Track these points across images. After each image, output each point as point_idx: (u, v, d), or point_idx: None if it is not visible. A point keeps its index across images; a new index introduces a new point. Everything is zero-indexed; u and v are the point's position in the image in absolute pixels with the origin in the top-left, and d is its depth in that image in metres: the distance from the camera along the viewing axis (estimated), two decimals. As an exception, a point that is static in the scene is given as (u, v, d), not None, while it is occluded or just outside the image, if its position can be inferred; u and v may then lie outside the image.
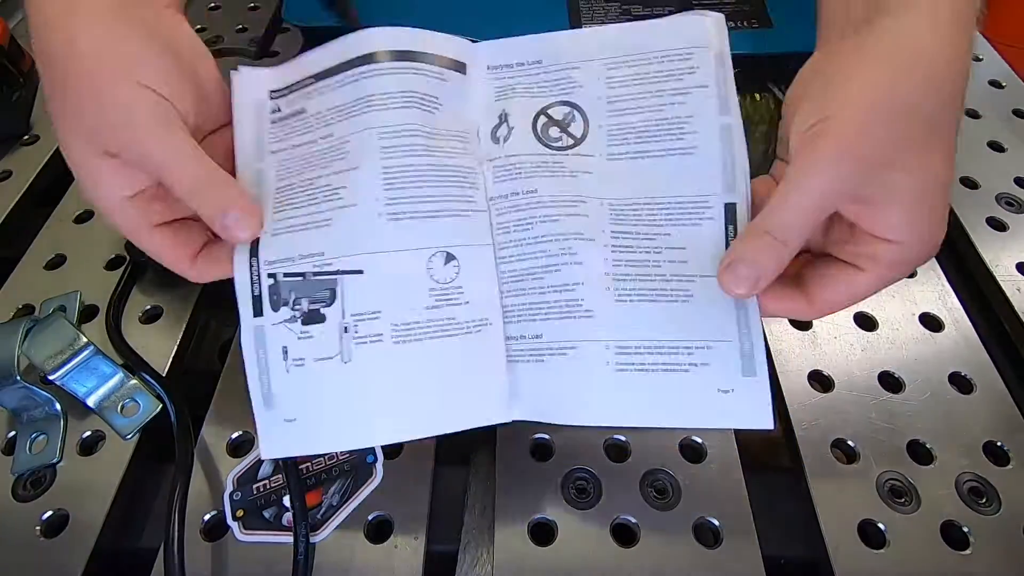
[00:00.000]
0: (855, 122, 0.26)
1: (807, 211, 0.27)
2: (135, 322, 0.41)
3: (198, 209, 0.29)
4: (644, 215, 0.32)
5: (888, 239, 0.27)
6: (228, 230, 0.29)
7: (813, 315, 0.30)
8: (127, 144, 0.28)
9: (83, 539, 0.32)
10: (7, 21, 0.54)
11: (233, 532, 0.32)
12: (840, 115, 0.27)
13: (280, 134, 0.34)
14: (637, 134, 0.33)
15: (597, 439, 0.35)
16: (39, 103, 0.55)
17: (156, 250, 0.31)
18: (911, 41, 0.27)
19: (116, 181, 0.29)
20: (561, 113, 0.34)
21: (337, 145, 0.32)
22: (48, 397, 0.36)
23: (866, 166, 0.26)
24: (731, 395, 0.31)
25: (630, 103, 0.34)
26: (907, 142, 0.26)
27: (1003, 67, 0.59)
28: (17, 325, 0.36)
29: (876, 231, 0.27)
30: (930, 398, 0.37)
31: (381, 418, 0.31)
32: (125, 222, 0.30)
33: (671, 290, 0.31)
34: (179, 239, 0.31)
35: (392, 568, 0.31)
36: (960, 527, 0.32)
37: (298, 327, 0.31)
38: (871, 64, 0.27)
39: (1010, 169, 0.50)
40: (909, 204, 0.27)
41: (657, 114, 0.33)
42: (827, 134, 0.27)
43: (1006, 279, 0.42)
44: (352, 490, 0.34)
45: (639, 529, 0.32)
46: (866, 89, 0.27)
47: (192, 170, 0.29)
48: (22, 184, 0.49)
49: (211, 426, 0.36)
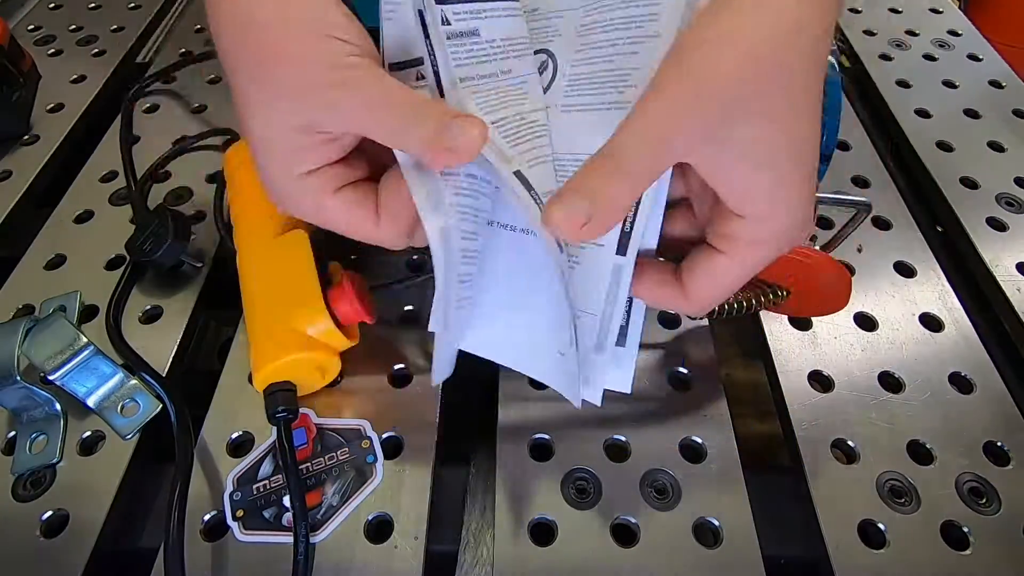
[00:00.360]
0: (709, 56, 0.24)
1: (653, 138, 0.24)
2: (135, 322, 0.41)
3: (413, 140, 0.26)
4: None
5: (744, 213, 0.26)
6: (454, 146, 0.26)
7: (690, 308, 0.29)
8: (333, 98, 0.27)
9: (83, 539, 0.32)
10: (7, 21, 0.54)
11: (233, 532, 0.32)
12: (693, 48, 0.24)
13: (461, 57, 0.30)
14: (590, 83, 0.31)
15: (597, 439, 0.35)
16: (39, 103, 0.55)
17: (336, 216, 0.30)
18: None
19: (307, 157, 0.28)
20: (539, 61, 0.33)
21: (518, 86, 0.31)
22: (48, 397, 0.36)
23: (718, 102, 0.24)
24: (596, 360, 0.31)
25: (591, 52, 0.32)
26: (766, 87, 0.24)
27: (1003, 67, 0.59)
28: (17, 325, 0.36)
29: (732, 196, 0.26)
30: (930, 398, 0.37)
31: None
32: (302, 195, 0.29)
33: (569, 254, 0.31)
34: (357, 198, 0.29)
35: (392, 568, 0.31)
36: (960, 527, 0.32)
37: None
38: (732, 12, 0.24)
39: (1010, 169, 0.50)
40: (767, 161, 0.25)
41: (607, 65, 0.31)
42: (678, 63, 0.24)
43: (1006, 279, 0.42)
44: (352, 490, 0.34)
45: (639, 529, 0.32)
46: (722, 30, 0.24)
47: (401, 100, 0.27)
48: (22, 184, 0.49)
49: (211, 426, 0.36)
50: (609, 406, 0.36)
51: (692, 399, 0.37)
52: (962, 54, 0.61)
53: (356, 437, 0.35)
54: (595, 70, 0.31)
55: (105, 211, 0.48)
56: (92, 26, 0.65)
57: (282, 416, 0.33)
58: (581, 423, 0.36)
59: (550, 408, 0.36)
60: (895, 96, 0.56)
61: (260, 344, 0.35)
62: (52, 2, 0.68)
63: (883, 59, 0.60)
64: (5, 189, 0.49)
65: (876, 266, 0.44)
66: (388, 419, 0.36)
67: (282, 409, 0.33)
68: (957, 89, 0.57)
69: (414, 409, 0.36)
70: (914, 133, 0.53)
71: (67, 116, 0.55)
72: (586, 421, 0.36)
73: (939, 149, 0.51)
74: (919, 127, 0.53)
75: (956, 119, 0.54)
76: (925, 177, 0.50)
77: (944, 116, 0.54)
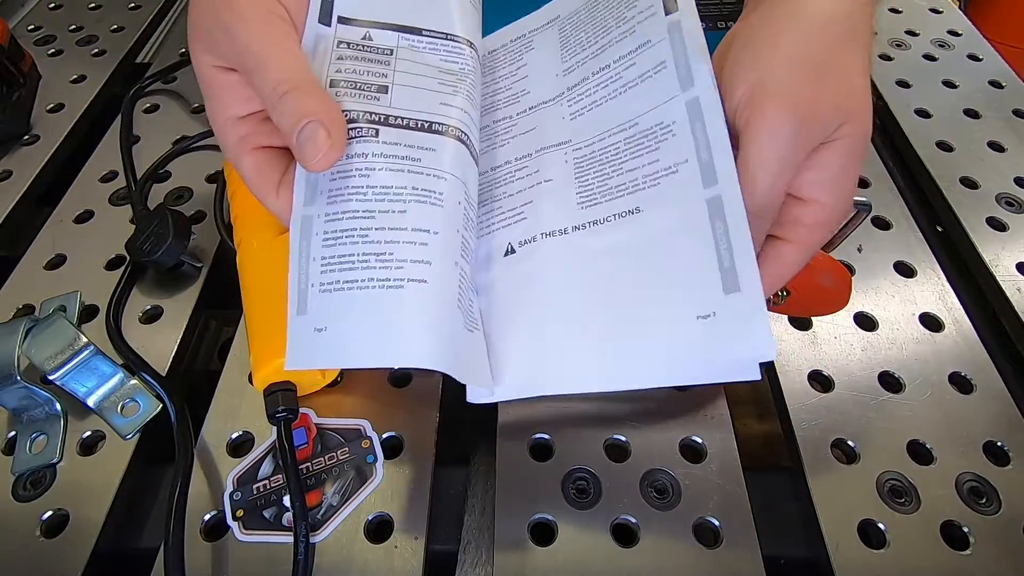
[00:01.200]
0: (785, 80, 0.27)
1: (775, 180, 0.27)
2: (135, 322, 0.41)
3: (277, 117, 0.27)
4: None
5: (812, 198, 0.27)
6: (301, 148, 0.27)
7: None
8: (230, 40, 0.27)
9: (83, 539, 0.32)
10: (7, 21, 0.54)
11: (233, 532, 0.32)
12: (769, 75, 0.27)
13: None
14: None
15: (597, 439, 0.35)
16: (39, 103, 0.55)
17: (247, 174, 0.30)
18: (815, 4, 0.28)
19: (230, 98, 0.29)
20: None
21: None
22: (48, 397, 0.36)
23: (806, 120, 0.26)
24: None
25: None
26: (830, 93, 0.27)
27: (1003, 67, 0.59)
28: (17, 325, 0.36)
29: (802, 190, 0.28)
30: (930, 398, 0.37)
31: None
32: (227, 141, 0.30)
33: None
34: (271, 163, 0.30)
35: (392, 568, 0.31)
36: (960, 527, 0.32)
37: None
38: (783, 27, 0.28)
39: (1010, 169, 0.50)
40: (842, 154, 0.27)
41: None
42: (765, 97, 0.27)
43: (1006, 279, 0.42)
44: (352, 490, 0.34)
45: (639, 529, 0.32)
46: (783, 49, 0.27)
47: (280, 67, 0.27)
48: (22, 184, 0.49)
49: (211, 426, 0.36)
50: (609, 406, 0.36)
51: (692, 399, 0.37)
52: (962, 54, 0.61)
53: (356, 437, 0.35)
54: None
55: (105, 211, 0.48)
56: (92, 26, 0.65)
57: (282, 416, 0.33)
58: (581, 423, 0.36)
59: (550, 408, 0.36)
60: (895, 96, 0.56)
61: (260, 344, 0.35)
62: (52, 2, 0.68)
63: (883, 59, 0.60)
64: (5, 189, 0.49)
65: (876, 266, 0.44)
66: (388, 419, 0.36)
67: (282, 409, 0.33)
68: (957, 89, 0.57)
69: (414, 409, 0.36)
70: (914, 133, 0.53)
71: (67, 116, 0.55)
72: (586, 421, 0.36)
73: (939, 149, 0.51)
74: (919, 127, 0.53)
75: (956, 119, 0.54)
76: (925, 177, 0.50)
77: (944, 116, 0.54)
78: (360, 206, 0.29)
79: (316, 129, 0.26)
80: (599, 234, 0.31)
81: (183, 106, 0.56)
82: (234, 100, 0.29)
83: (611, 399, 0.36)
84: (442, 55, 0.34)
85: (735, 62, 0.28)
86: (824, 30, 0.27)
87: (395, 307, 0.27)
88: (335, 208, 0.29)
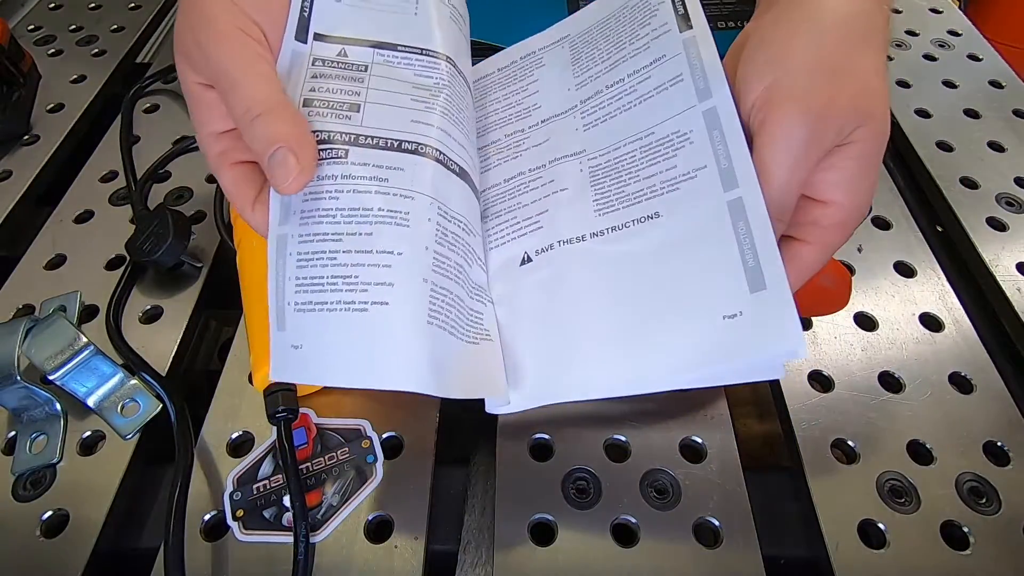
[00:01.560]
0: (800, 81, 0.27)
1: (790, 180, 0.27)
2: (135, 322, 0.41)
3: (249, 140, 0.27)
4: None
5: (832, 199, 0.28)
6: (272, 172, 0.27)
7: None
8: (206, 60, 0.28)
9: (83, 539, 0.32)
10: (7, 21, 0.54)
11: (233, 532, 0.32)
12: (785, 76, 0.27)
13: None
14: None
15: (597, 439, 0.35)
16: (39, 103, 0.55)
17: (226, 187, 0.31)
18: (831, 3, 0.28)
19: (210, 114, 0.29)
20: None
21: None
22: (48, 397, 0.36)
23: (822, 121, 0.26)
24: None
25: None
26: (846, 94, 0.27)
27: (1003, 67, 0.59)
28: (17, 325, 0.36)
29: (820, 191, 0.28)
30: (930, 398, 0.37)
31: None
32: (208, 154, 0.30)
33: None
34: (248, 178, 0.30)
35: (392, 568, 0.31)
36: (960, 527, 0.32)
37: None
38: (799, 27, 0.28)
39: (1010, 169, 0.50)
40: (860, 155, 0.27)
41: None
42: (781, 98, 0.27)
43: (1006, 279, 0.42)
44: (352, 490, 0.34)
45: (639, 529, 0.32)
46: (799, 50, 0.27)
47: (251, 90, 0.27)
48: (22, 184, 0.49)
49: (211, 426, 0.36)
50: (609, 406, 0.36)
51: (692, 399, 0.37)
52: (962, 54, 0.61)
53: (356, 437, 0.35)
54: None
55: (105, 211, 0.48)
56: (92, 26, 0.65)
57: (282, 416, 0.33)
58: (581, 423, 0.36)
59: (550, 408, 0.36)
60: (895, 96, 0.56)
61: (260, 344, 0.35)
62: (52, 2, 0.68)
63: (883, 59, 0.60)
64: (5, 189, 0.49)
65: (876, 266, 0.44)
66: (388, 419, 0.36)
67: (282, 409, 0.33)
68: (957, 89, 0.57)
69: (414, 409, 0.36)
70: (914, 133, 0.53)
71: (67, 116, 0.55)
72: (586, 421, 0.36)
73: (939, 149, 0.51)
74: (919, 127, 0.53)
75: (956, 119, 0.54)
76: (925, 177, 0.50)
77: (944, 116, 0.54)
78: (330, 228, 0.29)
79: (286, 155, 0.27)
80: (618, 240, 0.31)
81: (183, 106, 0.56)
82: (213, 116, 0.29)
83: (611, 399, 0.36)
84: (416, 69, 0.33)
85: (749, 63, 0.29)
86: (840, 30, 0.27)
87: (364, 329, 0.28)
88: (306, 230, 0.29)
